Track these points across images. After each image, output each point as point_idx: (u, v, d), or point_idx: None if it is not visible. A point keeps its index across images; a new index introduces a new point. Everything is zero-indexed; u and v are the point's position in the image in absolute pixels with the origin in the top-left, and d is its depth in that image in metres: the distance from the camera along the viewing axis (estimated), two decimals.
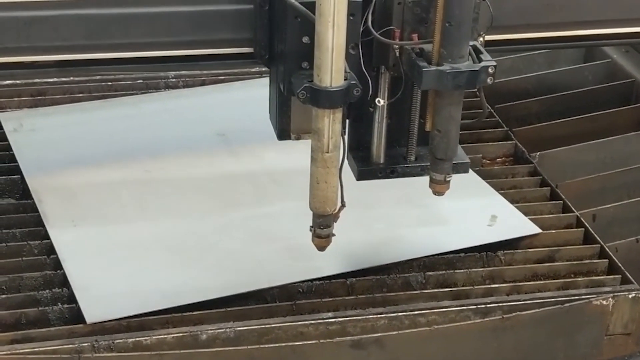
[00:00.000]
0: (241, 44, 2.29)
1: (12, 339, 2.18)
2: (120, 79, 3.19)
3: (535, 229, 2.60)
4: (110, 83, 3.17)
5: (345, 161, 2.14)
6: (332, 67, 1.97)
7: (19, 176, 2.71)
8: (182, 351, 2.19)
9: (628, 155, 3.02)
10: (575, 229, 2.63)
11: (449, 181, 2.20)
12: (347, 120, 2.22)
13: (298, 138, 2.20)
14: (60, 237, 2.48)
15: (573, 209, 2.69)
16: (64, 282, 2.36)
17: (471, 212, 2.65)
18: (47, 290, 2.33)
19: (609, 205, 2.78)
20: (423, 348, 2.30)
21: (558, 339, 2.38)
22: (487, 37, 2.13)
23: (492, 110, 3.15)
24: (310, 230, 2.17)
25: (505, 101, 3.25)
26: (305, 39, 2.08)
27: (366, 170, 2.27)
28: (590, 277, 2.49)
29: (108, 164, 2.78)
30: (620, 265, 2.49)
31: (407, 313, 2.31)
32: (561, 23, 2.60)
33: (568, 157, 3.00)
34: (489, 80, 2.07)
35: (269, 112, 2.27)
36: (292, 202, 2.61)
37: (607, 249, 2.55)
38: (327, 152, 2.05)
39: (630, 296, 2.39)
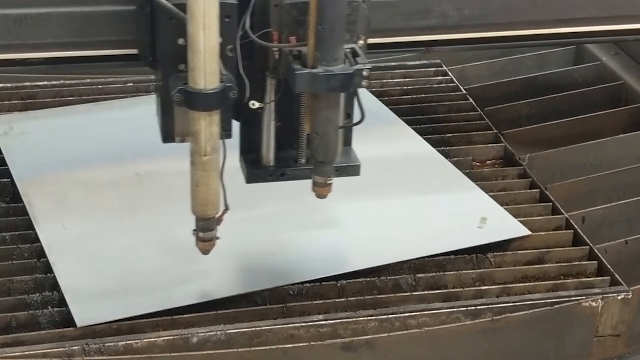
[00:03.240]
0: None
1: (3, 343, 2.18)
2: (111, 82, 3.18)
3: (525, 231, 2.61)
4: (100, 86, 3.17)
5: (237, 163, 2.09)
6: (205, 69, 1.94)
7: (9, 179, 2.71)
8: (172, 354, 2.19)
9: (617, 157, 3.03)
10: (565, 231, 2.64)
11: (330, 184, 2.18)
12: (239, 123, 2.21)
13: (182, 140, 2.15)
14: (51, 240, 2.47)
15: (562, 211, 2.69)
16: (54, 286, 2.35)
17: (461, 214, 2.66)
18: (38, 294, 2.33)
19: (598, 207, 2.78)
20: (413, 350, 2.30)
21: (548, 341, 2.38)
22: (474, 35, 2.10)
23: (481, 113, 3.16)
24: (193, 234, 2.15)
25: (495, 104, 3.26)
26: (181, 41, 2.04)
27: (256, 172, 2.26)
28: (580, 278, 2.49)
29: (98, 167, 2.77)
30: (609, 266, 2.49)
31: (398, 315, 2.32)
32: (547, 21, 2.61)
33: (557, 159, 3.01)
34: (364, 83, 2.04)
35: (156, 114, 2.24)
36: (283, 204, 2.61)
37: (596, 250, 2.56)
38: (205, 155, 2.02)
39: (619, 297, 2.40)
